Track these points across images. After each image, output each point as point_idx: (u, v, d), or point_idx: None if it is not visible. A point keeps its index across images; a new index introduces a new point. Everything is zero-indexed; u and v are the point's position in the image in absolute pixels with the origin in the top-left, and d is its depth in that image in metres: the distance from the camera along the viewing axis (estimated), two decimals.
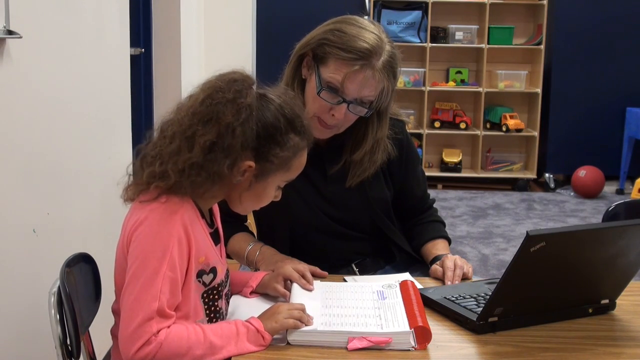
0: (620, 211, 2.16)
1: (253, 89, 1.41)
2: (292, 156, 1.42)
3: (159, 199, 1.35)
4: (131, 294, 1.31)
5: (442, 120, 6.12)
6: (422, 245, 1.94)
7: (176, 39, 3.86)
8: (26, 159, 1.91)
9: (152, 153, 1.39)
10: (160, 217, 1.34)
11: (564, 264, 1.41)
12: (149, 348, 1.28)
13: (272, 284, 1.59)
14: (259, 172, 1.40)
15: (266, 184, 1.44)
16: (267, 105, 1.41)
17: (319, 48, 1.72)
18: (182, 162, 1.34)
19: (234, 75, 1.41)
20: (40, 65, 2.00)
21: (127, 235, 1.37)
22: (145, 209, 1.35)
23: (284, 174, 1.44)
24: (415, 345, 1.36)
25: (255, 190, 1.43)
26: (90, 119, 2.37)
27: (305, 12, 5.67)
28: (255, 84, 1.43)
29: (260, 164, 1.40)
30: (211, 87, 1.39)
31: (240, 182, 1.41)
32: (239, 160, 1.37)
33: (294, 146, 1.42)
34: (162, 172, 1.35)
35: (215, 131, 1.35)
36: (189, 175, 1.34)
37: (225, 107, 1.36)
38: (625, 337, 1.47)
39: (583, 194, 5.75)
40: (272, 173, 1.42)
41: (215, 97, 1.37)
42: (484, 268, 4.08)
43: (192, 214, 1.38)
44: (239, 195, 1.44)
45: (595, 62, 5.92)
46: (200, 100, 1.38)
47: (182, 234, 1.34)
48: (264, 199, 1.47)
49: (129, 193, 1.42)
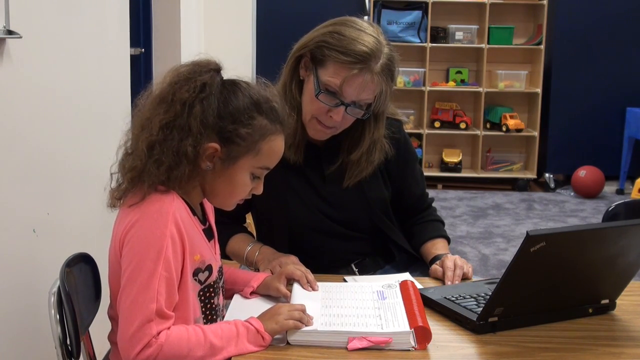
0: (620, 211, 2.16)
1: (216, 72, 1.40)
2: (259, 139, 1.40)
3: (147, 199, 1.34)
4: (128, 297, 1.30)
5: (442, 120, 6.12)
6: (421, 245, 1.94)
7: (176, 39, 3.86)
8: (26, 159, 1.91)
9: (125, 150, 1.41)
10: (152, 217, 1.33)
11: (564, 264, 1.41)
12: (150, 350, 1.27)
13: (275, 284, 1.59)
14: (225, 155, 1.39)
15: (236, 169, 1.41)
16: (232, 88, 1.40)
17: (318, 50, 1.72)
18: (143, 142, 1.35)
19: (197, 59, 1.42)
20: (40, 65, 2.00)
21: (118, 239, 1.36)
22: (135, 211, 1.35)
23: (253, 158, 1.41)
24: (415, 345, 1.36)
25: (226, 177, 1.41)
26: (90, 119, 2.37)
27: (305, 12, 5.67)
28: (221, 70, 1.42)
29: (227, 147, 1.38)
30: (172, 71, 1.41)
31: (211, 169, 1.40)
32: (201, 140, 1.35)
33: (260, 128, 1.40)
34: (131, 162, 1.37)
35: (172, 110, 1.35)
36: (152, 156, 1.34)
37: (182, 85, 1.36)
38: (625, 337, 1.47)
39: (583, 194, 5.75)
40: (240, 157, 1.39)
41: (174, 79, 1.38)
42: (484, 268, 4.08)
43: (183, 212, 1.37)
44: (212, 184, 1.42)
45: (595, 62, 5.92)
46: (161, 86, 1.39)
47: (174, 232, 1.33)
48: (238, 187, 1.43)
49: (115, 196, 1.41)
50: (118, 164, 1.42)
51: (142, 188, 1.35)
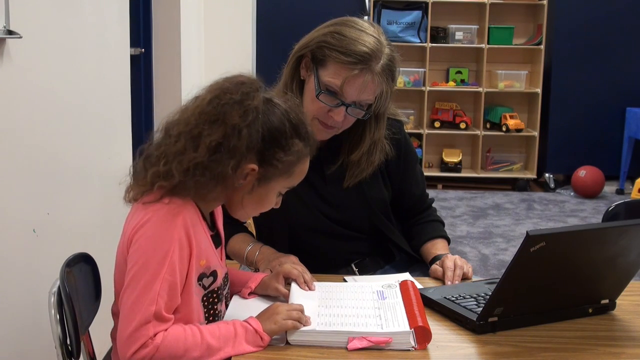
0: (620, 211, 2.16)
1: (260, 93, 1.41)
2: (295, 161, 1.42)
3: (162, 200, 1.35)
4: (130, 297, 1.31)
5: (442, 120, 6.12)
6: (421, 245, 1.94)
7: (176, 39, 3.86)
8: (26, 159, 1.91)
9: (156, 153, 1.38)
10: (162, 219, 1.33)
11: (564, 264, 1.41)
12: (146, 351, 1.28)
13: (273, 284, 1.58)
14: (261, 176, 1.40)
15: (268, 189, 1.43)
16: (272, 110, 1.41)
17: (318, 50, 1.72)
18: (187, 161, 1.34)
19: (242, 78, 1.42)
20: (40, 65, 2.00)
21: (128, 236, 1.37)
22: (147, 210, 1.35)
23: (286, 179, 1.44)
24: (415, 345, 1.36)
25: (256, 194, 1.43)
26: (90, 119, 2.37)
27: (305, 12, 5.68)
28: (261, 88, 1.43)
29: (264, 168, 1.39)
30: (218, 88, 1.40)
31: (242, 186, 1.41)
32: (243, 162, 1.36)
33: (297, 152, 1.42)
34: (166, 172, 1.35)
35: (221, 132, 1.34)
36: (194, 175, 1.34)
37: (232, 108, 1.36)
38: (625, 337, 1.47)
39: (583, 194, 5.75)
40: (274, 178, 1.42)
41: (223, 98, 1.37)
42: (484, 268, 4.08)
43: (194, 217, 1.37)
44: (241, 199, 1.43)
45: (595, 62, 5.92)
46: (207, 101, 1.38)
47: (183, 237, 1.33)
48: (265, 204, 1.46)
49: (132, 194, 1.41)
50: (142, 161, 1.40)
51: (163, 190, 1.35)
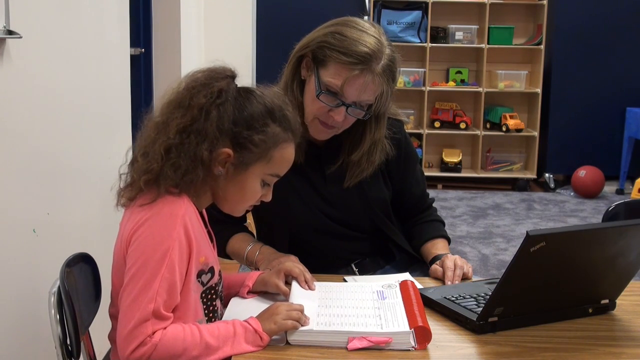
0: (620, 211, 2.16)
1: (231, 79, 1.42)
2: (271, 146, 1.42)
3: (160, 200, 1.35)
4: (129, 296, 1.31)
5: (442, 120, 6.12)
6: (421, 245, 1.94)
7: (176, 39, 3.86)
8: (26, 159, 1.91)
9: (138, 152, 1.41)
10: (162, 218, 1.34)
11: (564, 264, 1.41)
12: (144, 349, 1.28)
13: (274, 280, 1.58)
14: (238, 161, 1.40)
15: (247, 176, 1.43)
16: (247, 96, 1.43)
17: (319, 50, 1.72)
18: (160, 145, 1.36)
19: (213, 66, 1.44)
20: (40, 65, 2.00)
21: (126, 237, 1.37)
22: (145, 210, 1.35)
23: (265, 165, 1.43)
24: (415, 345, 1.36)
25: (237, 182, 1.43)
26: (90, 119, 2.37)
27: (306, 12, 5.68)
28: (236, 77, 1.44)
29: (239, 153, 1.40)
30: (188, 76, 1.42)
31: (222, 174, 1.41)
32: (216, 145, 1.37)
33: (273, 135, 1.42)
34: (147, 164, 1.37)
35: (189, 115, 1.37)
36: (168, 159, 1.35)
37: (199, 91, 1.38)
38: (625, 337, 1.47)
39: (583, 194, 5.75)
40: (252, 163, 1.41)
41: (191, 84, 1.40)
42: (484, 268, 4.08)
43: (192, 215, 1.38)
44: (224, 189, 1.44)
45: (595, 62, 5.92)
46: (177, 91, 1.40)
47: (182, 236, 1.34)
48: (248, 193, 1.45)
49: (125, 198, 1.42)
50: (129, 165, 1.43)
51: (155, 190, 1.36)
